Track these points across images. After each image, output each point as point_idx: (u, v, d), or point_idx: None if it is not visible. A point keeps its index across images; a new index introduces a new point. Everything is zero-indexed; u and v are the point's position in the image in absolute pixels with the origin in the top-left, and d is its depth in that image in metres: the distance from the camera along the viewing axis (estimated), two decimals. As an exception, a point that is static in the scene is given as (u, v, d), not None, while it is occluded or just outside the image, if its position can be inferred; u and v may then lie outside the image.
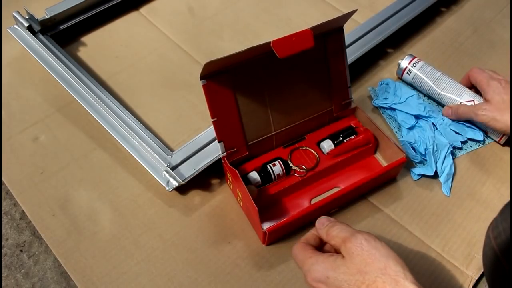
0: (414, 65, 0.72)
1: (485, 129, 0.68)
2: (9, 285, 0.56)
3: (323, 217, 0.48)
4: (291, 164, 0.60)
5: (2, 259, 0.58)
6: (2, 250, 0.59)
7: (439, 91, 0.70)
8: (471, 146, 0.68)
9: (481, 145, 0.68)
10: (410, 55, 0.74)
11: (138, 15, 0.85)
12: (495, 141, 0.67)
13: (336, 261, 0.41)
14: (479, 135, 0.67)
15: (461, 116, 0.67)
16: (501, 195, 0.63)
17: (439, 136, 0.67)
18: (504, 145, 0.67)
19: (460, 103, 0.68)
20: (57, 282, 0.56)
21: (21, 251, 0.59)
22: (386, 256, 0.40)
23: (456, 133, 0.67)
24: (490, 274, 0.47)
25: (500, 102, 0.63)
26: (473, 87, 0.71)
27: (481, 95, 0.68)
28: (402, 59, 0.74)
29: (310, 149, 0.62)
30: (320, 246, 0.47)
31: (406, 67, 0.73)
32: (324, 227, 0.46)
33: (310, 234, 0.48)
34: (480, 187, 0.64)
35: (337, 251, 0.44)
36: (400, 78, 0.75)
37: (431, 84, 0.71)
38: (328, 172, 0.61)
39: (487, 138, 0.68)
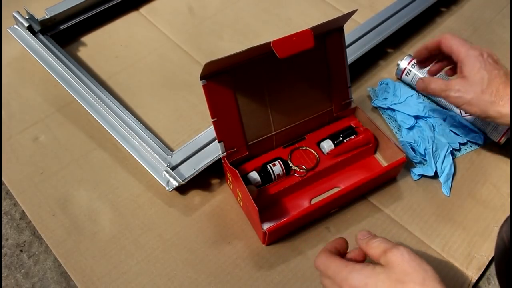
0: (413, 65, 0.72)
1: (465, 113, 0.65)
2: (9, 285, 0.56)
3: (364, 230, 0.47)
4: (291, 164, 0.60)
5: (2, 259, 0.58)
6: (2, 250, 0.59)
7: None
8: (471, 146, 0.68)
9: (480, 146, 0.68)
10: (410, 55, 0.74)
11: (138, 15, 0.85)
12: (494, 141, 0.67)
13: (375, 269, 0.41)
14: (479, 139, 0.67)
15: (431, 94, 0.57)
16: (501, 195, 0.63)
17: (438, 136, 0.67)
18: (503, 145, 0.67)
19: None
20: (57, 282, 0.56)
21: (21, 251, 0.59)
22: (425, 269, 0.40)
23: (456, 134, 0.67)
24: (500, 266, 0.47)
25: (478, 81, 0.52)
26: (445, 59, 0.60)
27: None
28: (401, 60, 0.74)
29: (310, 149, 0.62)
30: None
31: (405, 68, 0.73)
32: (365, 237, 0.45)
33: (330, 246, 0.47)
34: (480, 187, 0.64)
35: (372, 263, 0.44)
36: (399, 79, 0.75)
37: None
38: (328, 172, 0.61)
39: (487, 140, 0.68)
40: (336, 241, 0.48)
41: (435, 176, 0.63)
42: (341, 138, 0.62)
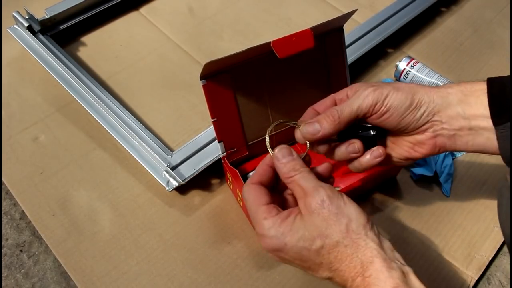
0: (412, 66, 0.72)
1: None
2: (9, 285, 0.56)
3: (283, 146, 0.41)
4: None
5: (2, 259, 0.58)
6: (2, 250, 0.59)
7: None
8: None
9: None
10: (408, 56, 0.74)
11: (138, 15, 0.85)
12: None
13: (294, 223, 0.37)
14: None
15: (344, 118, 0.43)
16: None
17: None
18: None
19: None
20: (57, 282, 0.56)
21: (21, 251, 0.59)
22: (349, 215, 0.37)
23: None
24: (505, 213, 0.45)
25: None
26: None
27: None
28: (400, 61, 0.74)
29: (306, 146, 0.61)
30: (273, 185, 0.43)
31: (404, 69, 0.73)
32: (286, 162, 0.40)
33: (265, 168, 0.42)
34: (480, 187, 0.64)
35: (292, 200, 0.41)
36: (398, 80, 0.75)
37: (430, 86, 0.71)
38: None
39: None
40: (265, 164, 0.43)
41: (435, 176, 0.63)
42: None
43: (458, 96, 0.42)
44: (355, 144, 0.45)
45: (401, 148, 0.46)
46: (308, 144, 0.45)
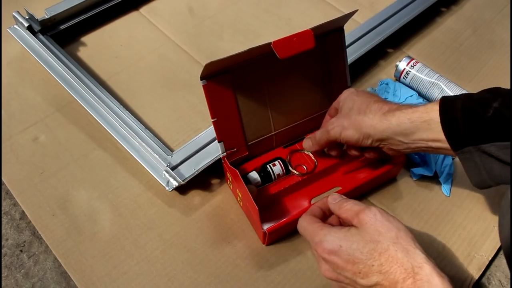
0: (412, 66, 0.72)
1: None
2: (9, 285, 0.56)
3: (335, 193, 0.48)
4: (291, 169, 0.60)
5: (2, 259, 0.58)
6: (2, 250, 0.59)
7: (437, 94, 0.70)
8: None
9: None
10: (408, 57, 0.74)
11: (138, 15, 0.85)
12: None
13: (349, 231, 0.42)
14: None
15: (321, 142, 0.56)
16: (501, 195, 0.63)
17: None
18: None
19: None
20: (57, 282, 0.56)
21: (21, 251, 0.59)
22: (398, 227, 0.41)
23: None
24: (506, 232, 0.47)
25: (348, 108, 0.53)
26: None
27: None
28: (400, 61, 0.74)
29: (309, 154, 0.61)
30: (324, 220, 0.48)
31: (404, 69, 0.73)
32: (336, 201, 0.46)
33: (315, 208, 0.49)
34: (480, 187, 0.64)
35: (346, 225, 0.45)
36: (398, 80, 0.75)
37: (429, 86, 0.71)
38: (328, 172, 0.61)
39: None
40: (321, 201, 0.49)
41: (435, 176, 0.63)
42: None
43: (408, 125, 0.48)
44: (354, 151, 0.55)
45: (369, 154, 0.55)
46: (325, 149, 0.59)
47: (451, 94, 0.69)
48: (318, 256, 0.44)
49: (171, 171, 0.59)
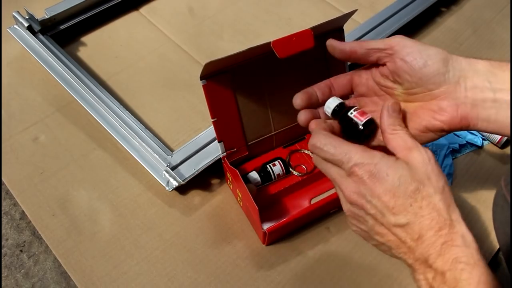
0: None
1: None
2: (9, 285, 0.56)
3: (396, 102, 0.42)
4: (291, 169, 0.60)
5: (2, 259, 0.58)
6: (2, 250, 0.59)
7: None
8: (470, 147, 0.68)
9: (478, 148, 0.68)
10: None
11: (138, 15, 0.85)
12: (493, 143, 0.67)
13: (397, 162, 0.38)
14: (478, 141, 0.67)
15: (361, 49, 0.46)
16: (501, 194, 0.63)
17: (439, 136, 0.67)
18: (503, 146, 0.67)
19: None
20: (57, 282, 0.56)
21: (21, 251, 0.59)
22: (445, 181, 0.38)
23: (455, 135, 0.67)
24: (499, 221, 0.47)
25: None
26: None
27: None
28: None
29: (309, 153, 0.61)
30: None
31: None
32: (397, 116, 0.41)
33: (323, 128, 0.43)
34: (480, 187, 0.64)
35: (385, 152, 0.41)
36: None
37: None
38: (328, 172, 0.61)
39: (485, 141, 0.68)
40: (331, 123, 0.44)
41: (435, 176, 0.63)
42: None
43: (486, 66, 0.42)
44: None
45: (420, 117, 0.44)
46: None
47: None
48: (347, 174, 0.39)
49: (171, 171, 0.59)
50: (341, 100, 0.46)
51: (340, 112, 0.45)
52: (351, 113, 0.44)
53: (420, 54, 0.42)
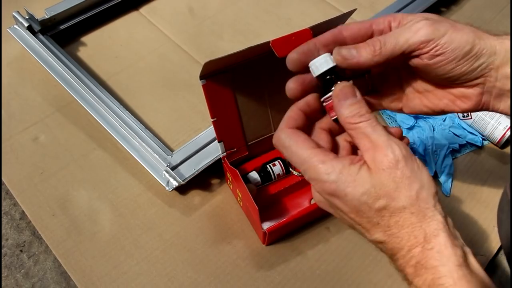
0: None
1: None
2: (9, 285, 0.56)
3: (346, 84, 0.35)
4: (291, 169, 0.60)
5: (2, 259, 0.58)
6: (2, 250, 0.59)
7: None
8: (470, 147, 0.67)
9: (478, 148, 0.68)
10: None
11: (138, 15, 0.85)
12: (493, 143, 0.67)
13: (359, 174, 0.33)
14: (478, 141, 0.67)
15: (387, 50, 0.36)
16: (501, 195, 0.63)
17: (438, 136, 0.67)
18: (503, 145, 0.67)
19: None
20: (57, 282, 0.56)
21: (21, 251, 0.59)
22: (421, 182, 0.33)
23: (455, 135, 0.67)
24: (505, 230, 0.45)
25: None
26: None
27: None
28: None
29: None
30: (304, 127, 0.37)
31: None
32: (350, 104, 0.34)
33: (296, 114, 0.37)
34: (480, 187, 0.64)
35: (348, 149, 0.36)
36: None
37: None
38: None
39: (485, 141, 0.68)
40: (306, 100, 0.37)
41: (435, 176, 0.63)
42: None
43: None
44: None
45: (439, 99, 0.39)
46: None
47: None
48: (312, 187, 0.35)
49: (171, 171, 0.59)
50: (332, 64, 0.37)
51: (323, 85, 0.37)
52: (326, 100, 0.37)
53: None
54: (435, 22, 0.35)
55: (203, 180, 0.62)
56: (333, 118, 0.36)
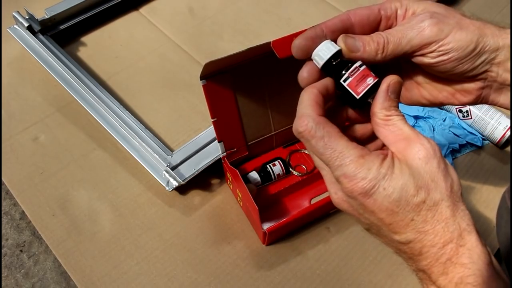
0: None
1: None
2: (9, 285, 0.56)
3: (400, 80, 0.33)
4: (291, 169, 0.60)
5: (2, 259, 0.58)
6: (2, 250, 0.59)
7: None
8: (470, 147, 0.68)
9: (479, 148, 0.68)
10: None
11: (138, 15, 0.85)
12: (493, 143, 0.67)
13: (395, 167, 0.31)
14: (478, 141, 0.67)
15: (389, 48, 0.35)
16: (501, 195, 0.63)
17: (438, 137, 0.67)
18: (503, 146, 0.67)
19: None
20: (57, 282, 0.56)
21: (21, 251, 0.59)
22: (453, 175, 0.32)
23: (455, 135, 0.67)
24: (504, 233, 0.44)
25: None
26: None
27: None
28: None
29: (309, 153, 0.61)
30: (321, 107, 0.34)
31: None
32: (392, 97, 0.33)
33: (319, 99, 0.34)
34: (480, 187, 0.64)
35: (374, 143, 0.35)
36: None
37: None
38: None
39: (485, 141, 0.68)
40: (322, 83, 0.35)
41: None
42: None
43: None
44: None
45: (438, 92, 0.39)
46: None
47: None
48: (335, 179, 0.32)
49: (171, 171, 0.59)
50: (337, 48, 0.34)
51: (333, 70, 0.35)
52: (345, 80, 0.34)
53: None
54: (440, 21, 0.34)
55: (203, 180, 0.62)
56: (358, 97, 0.34)
